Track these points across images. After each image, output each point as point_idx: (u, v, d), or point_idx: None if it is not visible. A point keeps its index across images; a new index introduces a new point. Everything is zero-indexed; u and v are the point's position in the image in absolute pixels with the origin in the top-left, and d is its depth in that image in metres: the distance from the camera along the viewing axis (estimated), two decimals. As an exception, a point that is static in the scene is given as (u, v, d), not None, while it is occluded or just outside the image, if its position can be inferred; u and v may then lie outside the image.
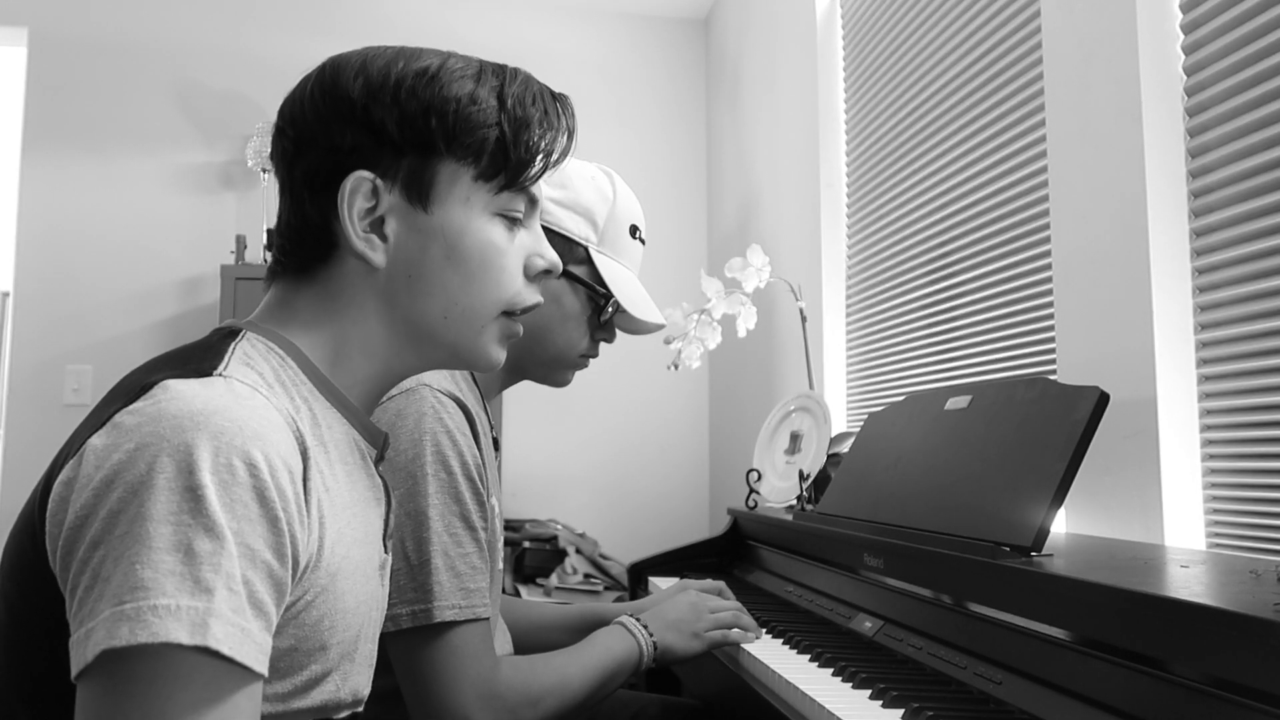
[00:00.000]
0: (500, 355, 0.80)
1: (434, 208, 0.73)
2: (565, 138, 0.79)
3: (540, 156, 0.76)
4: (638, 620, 1.19)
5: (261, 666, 0.58)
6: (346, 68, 0.73)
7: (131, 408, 0.61)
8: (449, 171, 0.73)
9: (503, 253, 0.76)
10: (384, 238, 0.73)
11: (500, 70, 0.76)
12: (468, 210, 0.74)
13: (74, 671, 0.55)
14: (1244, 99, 1.19)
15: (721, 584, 1.38)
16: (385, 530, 0.79)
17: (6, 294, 4.19)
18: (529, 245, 0.80)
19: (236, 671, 0.56)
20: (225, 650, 0.55)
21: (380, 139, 0.72)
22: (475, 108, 0.73)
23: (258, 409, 0.62)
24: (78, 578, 0.57)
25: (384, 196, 0.72)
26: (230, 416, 0.60)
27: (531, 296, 0.80)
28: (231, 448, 0.58)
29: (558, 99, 0.79)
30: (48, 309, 3.06)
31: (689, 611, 1.23)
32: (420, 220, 0.73)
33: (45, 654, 0.60)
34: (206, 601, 0.55)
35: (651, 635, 1.17)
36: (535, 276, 0.80)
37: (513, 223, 0.78)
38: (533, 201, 0.79)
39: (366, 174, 0.71)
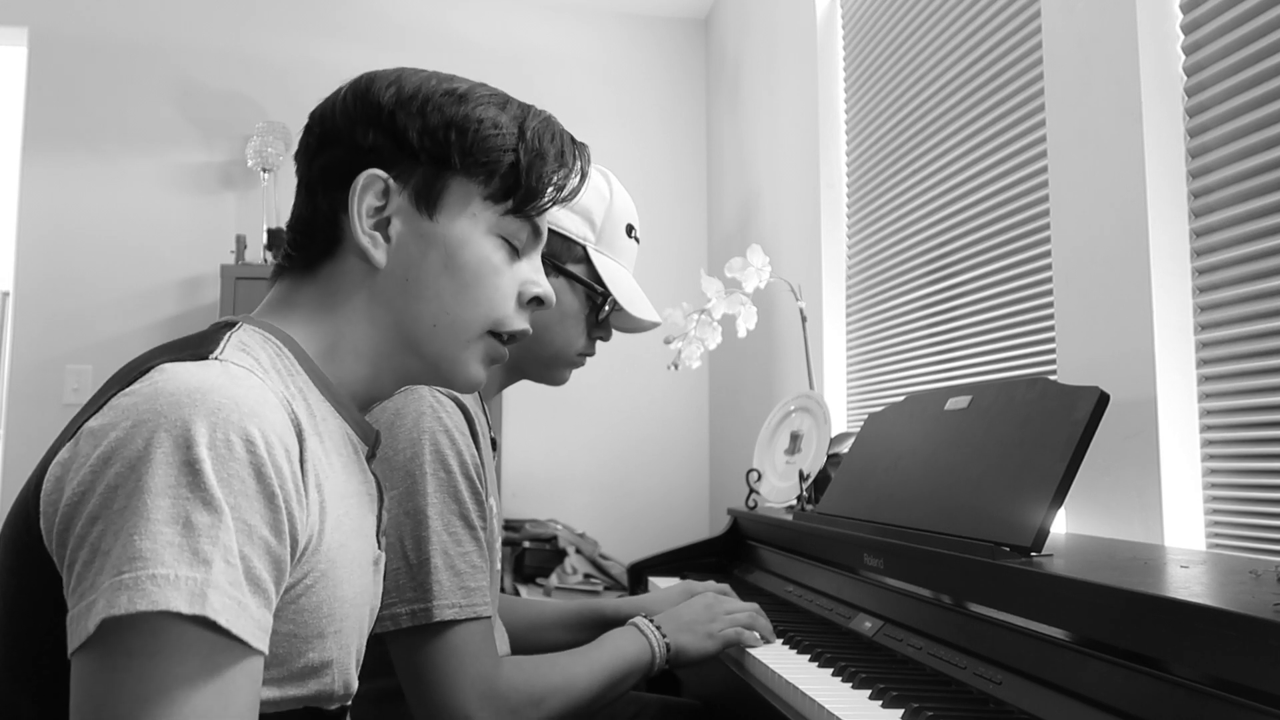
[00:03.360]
0: (481, 376, 0.80)
1: (440, 217, 0.76)
2: (577, 179, 0.82)
3: (550, 190, 0.79)
4: (651, 621, 1.17)
5: (259, 643, 0.58)
6: (381, 79, 0.77)
7: (128, 390, 0.62)
8: (460, 186, 0.76)
9: (498, 272, 0.78)
10: (387, 238, 0.75)
11: (526, 106, 0.80)
12: (472, 225, 0.77)
13: (72, 646, 0.55)
14: (1244, 99, 1.19)
15: (726, 586, 1.38)
16: (378, 527, 0.80)
17: (6, 294, 4.19)
18: (526, 274, 0.81)
19: (235, 646, 0.56)
20: (222, 621, 0.55)
21: (400, 145, 0.75)
22: (495, 132, 0.76)
23: (254, 389, 0.63)
24: (76, 553, 0.57)
25: (394, 198, 0.75)
26: (227, 394, 0.60)
27: (520, 323, 0.81)
28: (229, 424, 0.59)
29: (575, 144, 0.82)
30: (48, 309, 3.06)
31: (704, 612, 1.21)
32: (424, 226, 0.75)
33: (44, 640, 0.60)
34: (204, 573, 0.55)
35: (665, 637, 1.16)
36: (527, 303, 0.82)
37: (513, 250, 0.80)
38: (536, 233, 0.81)
39: (380, 173, 0.74)
